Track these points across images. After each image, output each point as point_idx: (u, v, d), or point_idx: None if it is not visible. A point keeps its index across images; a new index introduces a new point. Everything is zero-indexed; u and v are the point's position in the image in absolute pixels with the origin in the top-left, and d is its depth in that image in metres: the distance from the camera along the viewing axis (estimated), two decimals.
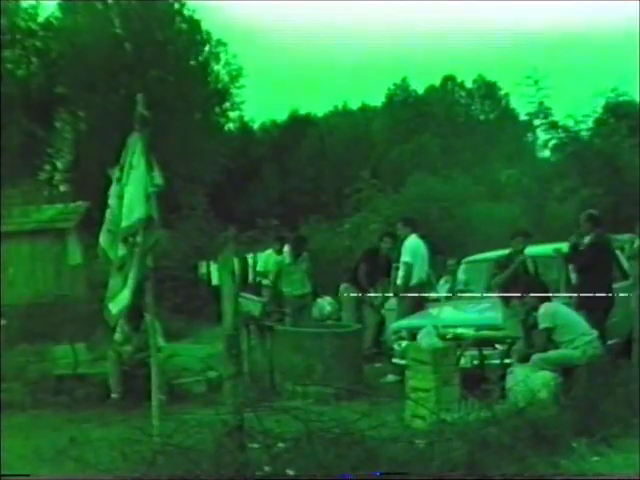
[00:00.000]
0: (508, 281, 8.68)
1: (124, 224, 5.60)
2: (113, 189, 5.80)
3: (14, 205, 15.72)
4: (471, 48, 73.82)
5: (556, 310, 7.77)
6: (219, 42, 38.91)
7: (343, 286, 11.98)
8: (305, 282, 11.88)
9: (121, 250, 5.62)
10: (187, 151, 35.30)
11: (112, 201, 5.79)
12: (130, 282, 5.58)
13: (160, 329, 8.36)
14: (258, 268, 12.59)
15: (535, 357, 7.48)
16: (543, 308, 7.75)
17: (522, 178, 17.19)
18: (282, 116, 48.11)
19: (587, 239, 9.09)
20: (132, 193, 5.61)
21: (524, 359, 7.64)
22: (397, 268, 10.59)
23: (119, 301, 5.62)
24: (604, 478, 5.23)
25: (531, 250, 9.39)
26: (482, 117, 57.35)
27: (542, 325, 7.66)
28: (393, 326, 9.85)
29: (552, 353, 7.51)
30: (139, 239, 5.62)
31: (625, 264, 10.20)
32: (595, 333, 7.71)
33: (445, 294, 10.90)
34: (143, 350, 8.92)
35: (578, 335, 7.56)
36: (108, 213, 5.82)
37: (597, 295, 8.68)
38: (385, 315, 11.33)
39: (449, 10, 77.83)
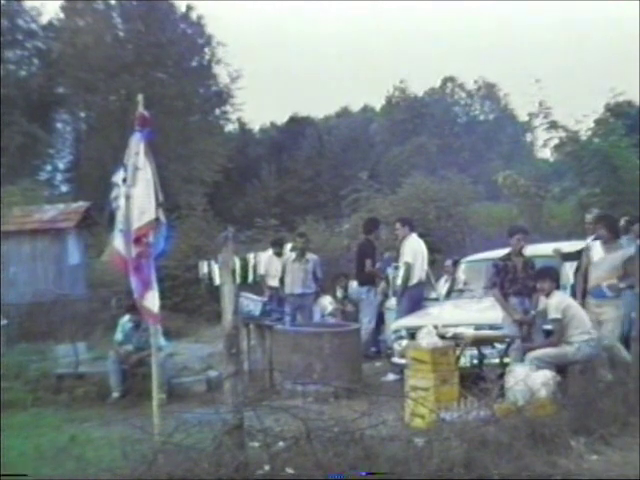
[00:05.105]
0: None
1: (136, 226, 5.66)
2: (120, 190, 5.84)
3: (14, 204, 15.77)
4: (471, 48, 73.88)
5: (568, 304, 7.70)
6: (219, 43, 38.99)
7: (358, 288, 11.97)
8: (308, 282, 11.88)
9: (133, 250, 5.73)
10: (187, 151, 35.35)
11: (121, 202, 5.83)
12: (155, 284, 5.72)
13: (160, 328, 8.39)
14: (261, 271, 12.60)
15: (530, 355, 7.51)
16: (555, 298, 7.71)
17: (519, 178, 17.17)
18: (281, 117, 48.21)
19: (590, 238, 9.11)
20: (141, 196, 5.67)
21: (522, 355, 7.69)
22: (397, 267, 10.60)
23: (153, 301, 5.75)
24: (602, 477, 5.24)
25: (530, 250, 9.37)
26: (482, 117, 57.43)
27: (553, 315, 7.63)
28: (393, 325, 9.87)
29: (547, 351, 7.54)
30: (151, 239, 5.70)
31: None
32: (595, 333, 7.70)
33: (444, 293, 10.92)
34: (143, 349, 8.96)
35: (577, 332, 7.55)
36: (119, 214, 5.87)
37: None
38: (384, 314, 11.39)
39: (449, 10, 77.96)
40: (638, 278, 7.92)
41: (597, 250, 8.55)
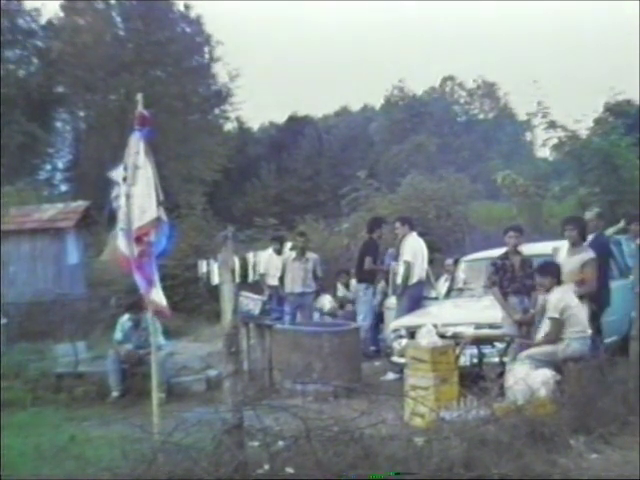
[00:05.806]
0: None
1: (137, 225, 5.65)
2: (121, 189, 5.83)
3: (13, 204, 15.75)
4: (471, 48, 73.93)
5: (567, 304, 7.61)
6: (218, 42, 38.99)
7: (356, 285, 11.99)
8: (307, 281, 11.88)
9: (135, 249, 5.73)
10: (186, 150, 35.33)
11: (122, 201, 5.83)
12: (157, 282, 5.74)
13: (160, 327, 8.41)
14: (261, 270, 12.59)
15: (522, 354, 7.51)
16: (555, 294, 7.65)
17: (518, 178, 17.18)
18: (280, 116, 48.22)
19: (590, 237, 9.09)
20: (141, 195, 5.66)
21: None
22: (397, 266, 10.59)
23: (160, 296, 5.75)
24: (602, 476, 5.24)
25: (529, 248, 9.37)
26: (481, 116, 57.40)
27: (551, 314, 7.58)
28: (392, 324, 9.87)
29: (538, 349, 7.53)
30: (153, 238, 5.69)
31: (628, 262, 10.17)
32: (589, 331, 7.68)
33: (444, 292, 10.92)
34: (143, 348, 8.97)
35: (570, 330, 7.52)
36: (120, 213, 5.86)
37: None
38: (384, 313, 11.39)
39: (449, 10, 77.98)
40: (637, 278, 7.91)
41: (562, 253, 8.55)
